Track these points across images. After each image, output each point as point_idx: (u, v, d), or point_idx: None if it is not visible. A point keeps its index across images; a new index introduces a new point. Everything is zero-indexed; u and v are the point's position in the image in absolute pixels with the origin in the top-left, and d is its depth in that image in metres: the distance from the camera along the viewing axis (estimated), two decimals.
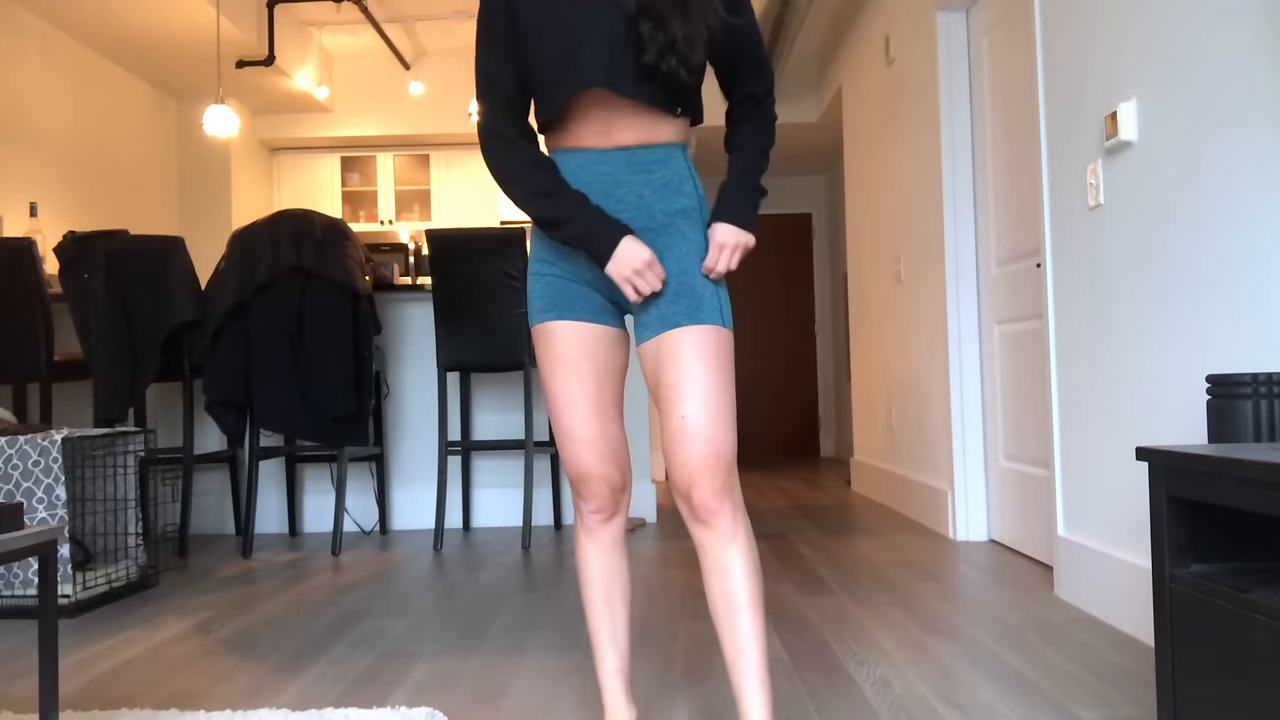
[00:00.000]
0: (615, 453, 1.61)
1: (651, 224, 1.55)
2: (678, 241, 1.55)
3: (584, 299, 1.59)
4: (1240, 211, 1.95)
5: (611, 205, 1.54)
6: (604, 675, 1.68)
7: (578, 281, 1.59)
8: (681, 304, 1.52)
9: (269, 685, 2.16)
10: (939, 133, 3.90)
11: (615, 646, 1.67)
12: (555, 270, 1.60)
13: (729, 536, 1.50)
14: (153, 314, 3.79)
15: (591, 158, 1.55)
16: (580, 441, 1.59)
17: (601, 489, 1.61)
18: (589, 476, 1.60)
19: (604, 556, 1.66)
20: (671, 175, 1.56)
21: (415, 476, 4.48)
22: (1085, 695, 1.95)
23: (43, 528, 1.60)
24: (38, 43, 5.83)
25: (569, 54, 1.50)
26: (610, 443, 1.60)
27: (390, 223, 8.21)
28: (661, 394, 1.52)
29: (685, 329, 1.51)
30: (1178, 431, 2.20)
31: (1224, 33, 1.99)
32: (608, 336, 1.60)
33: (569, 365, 1.58)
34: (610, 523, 1.65)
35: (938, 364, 4.01)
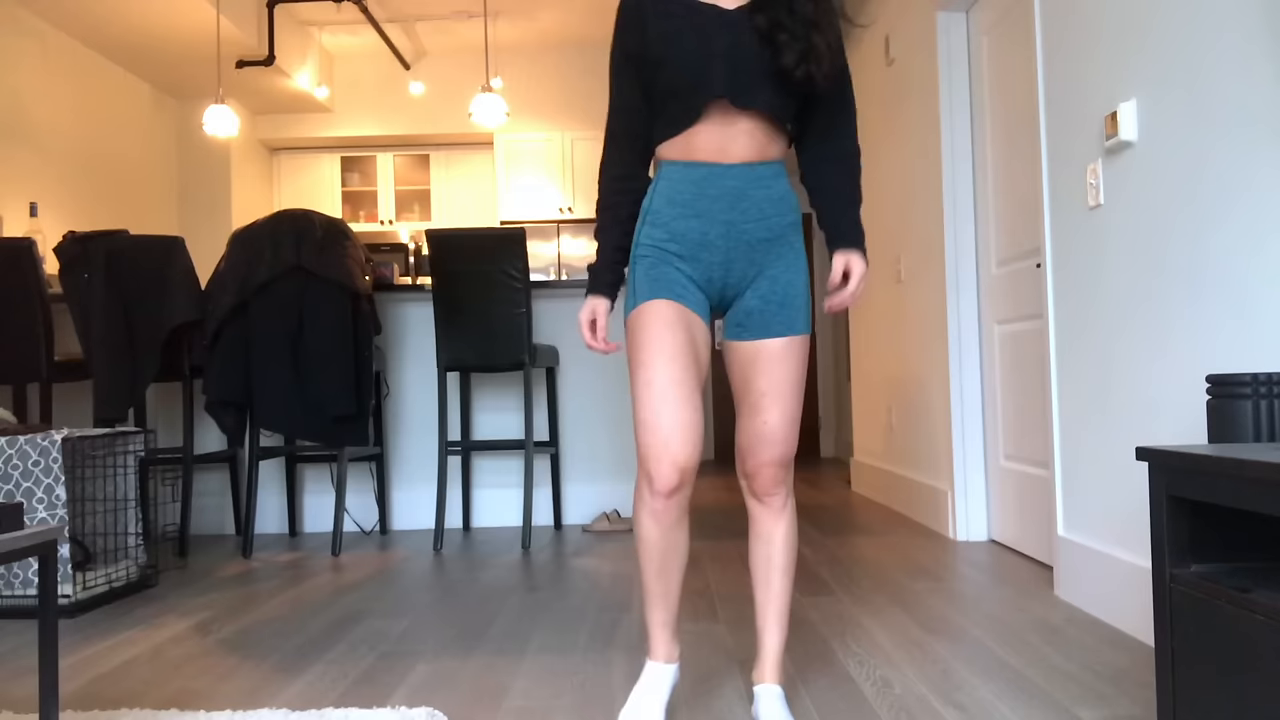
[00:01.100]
0: (695, 431, 1.69)
1: (770, 234, 1.73)
2: (787, 252, 1.75)
3: (686, 290, 1.72)
4: (1240, 211, 1.95)
5: (738, 215, 1.70)
6: (653, 625, 1.80)
7: (679, 272, 1.72)
8: (784, 314, 1.74)
9: (269, 685, 2.16)
10: (939, 133, 3.90)
11: (666, 604, 1.79)
12: (662, 260, 1.73)
13: (778, 514, 1.80)
14: (153, 314, 3.79)
15: (714, 172, 1.70)
16: (669, 402, 1.66)
17: (673, 472, 1.67)
18: (667, 444, 1.66)
19: (666, 534, 1.72)
20: (784, 191, 1.75)
21: (415, 476, 4.48)
22: (1085, 695, 1.95)
23: (43, 528, 1.60)
24: (38, 43, 5.83)
25: (696, 73, 1.66)
26: (692, 419, 1.68)
27: (390, 223, 8.21)
28: (749, 396, 1.76)
29: (783, 340, 1.74)
30: (1178, 431, 2.20)
31: (1224, 33, 1.99)
32: (701, 327, 1.74)
33: (666, 335, 1.69)
34: (675, 497, 1.69)
35: (938, 364, 4.01)
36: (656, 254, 1.72)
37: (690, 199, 1.70)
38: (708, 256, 1.71)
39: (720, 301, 1.77)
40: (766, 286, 1.73)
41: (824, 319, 8.52)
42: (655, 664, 1.80)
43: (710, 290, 1.75)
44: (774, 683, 1.81)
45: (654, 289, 1.71)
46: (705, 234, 1.70)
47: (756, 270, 1.73)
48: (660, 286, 1.71)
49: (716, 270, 1.72)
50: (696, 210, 1.70)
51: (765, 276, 1.73)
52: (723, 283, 1.74)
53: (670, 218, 1.71)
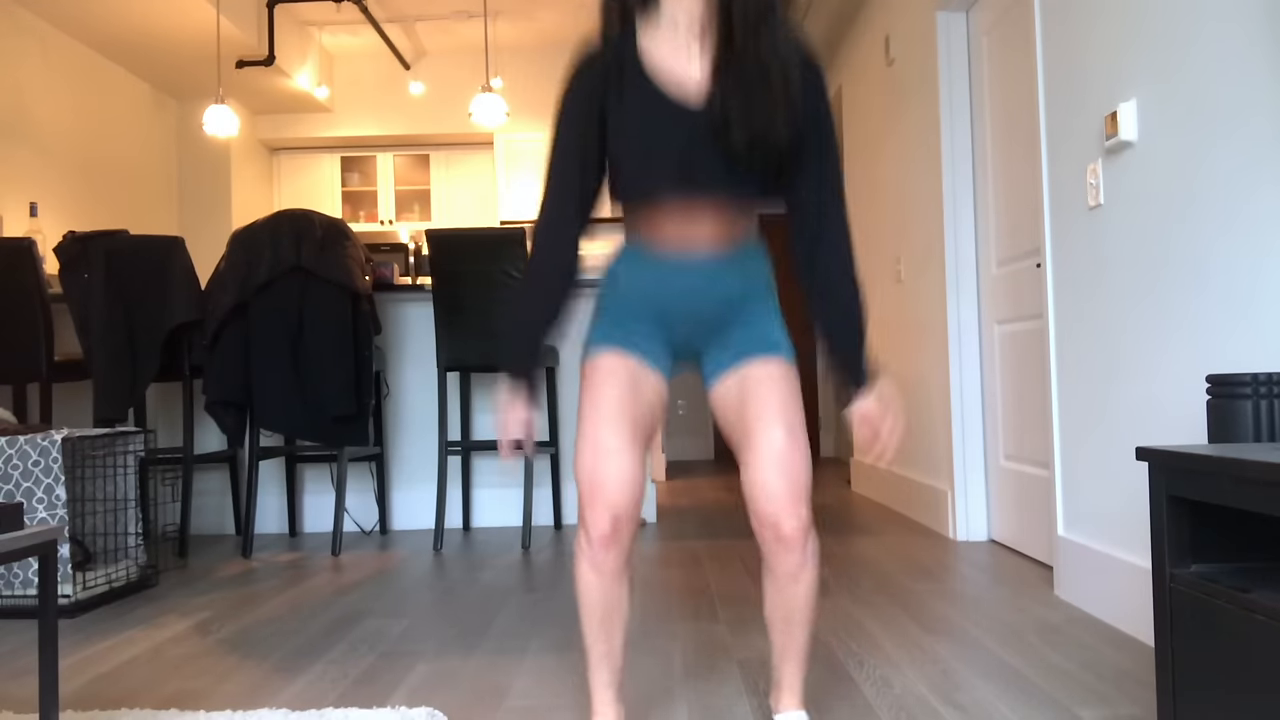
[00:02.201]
0: (632, 479, 1.58)
1: (734, 309, 1.66)
2: (756, 307, 1.67)
3: (643, 343, 1.66)
4: (1240, 211, 1.95)
5: (699, 305, 1.64)
6: (595, 686, 1.68)
7: (644, 324, 1.66)
8: (763, 345, 1.64)
9: (269, 685, 2.15)
10: (939, 133, 3.90)
11: (609, 664, 1.67)
12: (622, 315, 1.66)
13: (801, 563, 1.58)
14: (153, 314, 3.79)
15: (674, 267, 1.62)
16: (603, 453, 1.56)
17: (605, 516, 1.56)
18: (599, 500, 1.56)
19: (603, 586, 1.61)
20: (751, 271, 1.67)
21: (415, 476, 4.48)
22: (1085, 695, 1.95)
23: (43, 528, 1.60)
24: (38, 43, 5.83)
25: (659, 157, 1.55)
26: (630, 479, 1.57)
27: (390, 223, 8.21)
28: (749, 426, 1.59)
29: (764, 359, 1.62)
30: (1178, 431, 2.20)
31: (1224, 32, 1.99)
32: (656, 383, 1.67)
33: (614, 386, 1.60)
34: (611, 550, 1.58)
35: (938, 364, 4.01)
36: (617, 318, 1.66)
37: (651, 289, 1.64)
38: (668, 326, 1.66)
39: (686, 354, 1.71)
40: (738, 333, 1.66)
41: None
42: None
43: (675, 346, 1.69)
44: (799, 709, 1.69)
45: (609, 337, 1.65)
46: (668, 310, 1.65)
47: (723, 331, 1.67)
48: (616, 336, 1.65)
49: (679, 335, 1.67)
50: (658, 300, 1.64)
51: (735, 335, 1.66)
52: (686, 340, 1.68)
53: (631, 299, 1.65)
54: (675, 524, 4.41)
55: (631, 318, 1.66)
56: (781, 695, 1.71)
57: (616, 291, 1.68)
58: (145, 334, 3.80)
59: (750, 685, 2.06)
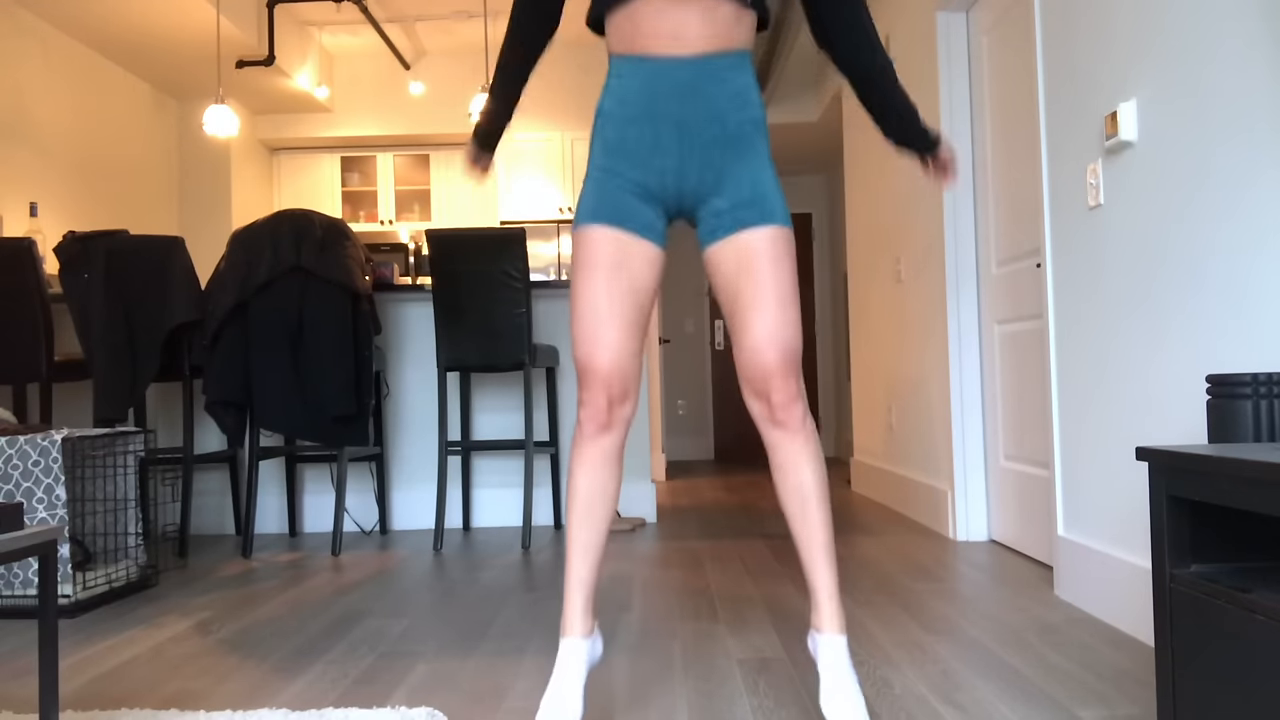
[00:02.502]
0: (625, 362, 1.61)
1: (725, 132, 1.60)
2: (748, 151, 1.62)
3: (633, 209, 1.63)
4: (1240, 211, 1.95)
5: (687, 113, 1.58)
6: (570, 583, 1.68)
7: (631, 190, 1.63)
8: (757, 207, 1.60)
9: (269, 685, 2.16)
10: None
11: (587, 557, 1.68)
12: (610, 173, 1.63)
13: (801, 435, 1.63)
14: (153, 314, 3.79)
15: (664, 66, 1.57)
16: (594, 339, 1.60)
17: (600, 393, 1.60)
18: (593, 370, 1.60)
19: (594, 470, 1.65)
20: (743, 84, 1.61)
21: (415, 476, 4.48)
22: (1085, 695, 1.95)
23: (43, 528, 1.60)
24: (38, 43, 5.83)
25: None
26: (623, 351, 1.61)
27: (390, 223, 8.21)
28: (739, 305, 1.62)
29: (759, 229, 1.60)
30: (1178, 431, 2.20)
31: (1224, 32, 1.99)
32: (647, 252, 1.64)
33: (602, 269, 1.61)
34: (603, 436, 1.63)
35: (938, 364, 4.01)
36: (605, 164, 1.63)
37: (638, 97, 1.58)
38: (659, 162, 1.60)
39: (680, 208, 1.67)
40: (731, 188, 1.62)
41: (825, 319, 8.52)
42: (571, 639, 1.67)
43: (665, 198, 1.64)
44: (836, 632, 1.65)
45: (597, 210, 1.63)
46: (657, 137, 1.59)
47: (715, 174, 1.62)
48: (604, 207, 1.62)
49: (670, 176, 1.61)
50: (647, 111, 1.58)
51: (728, 178, 1.62)
52: (678, 189, 1.63)
53: (620, 121, 1.61)
54: (675, 524, 4.41)
55: (620, 164, 1.62)
56: (820, 611, 1.67)
57: (604, 128, 1.64)
58: (145, 334, 3.80)
59: (750, 685, 2.06)
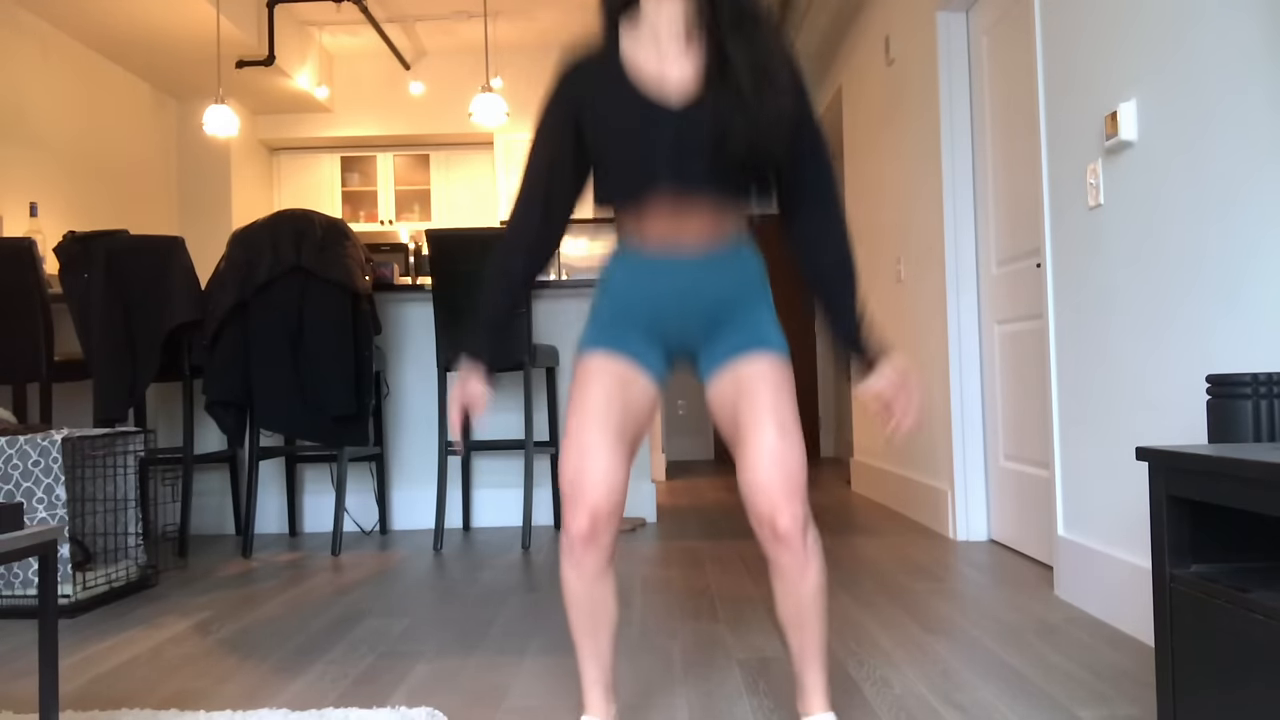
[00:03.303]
0: (612, 489, 1.59)
1: (728, 307, 1.67)
2: (748, 300, 1.68)
3: (637, 347, 1.68)
4: (1240, 211, 1.95)
5: (692, 302, 1.65)
6: (586, 683, 1.71)
7: (637, 327, 1.68)
8: (756, 339, 1.65)
9: (269, 685, 2.16)
10: (939, 133, 3.90)
11: (598, 662, 1.69)
12: (616, 319, 1.68)
13: (804, 559, 1.59)
14: (153, 314, 3.79)
15: (670, 266, 1.65)
16: (583, 466, 1.58)
17: (585, 516, 1.57)
18: (580, 497, 1.57)
19: (587, 586, 1.63)
20: (741, 265, 1.68)
21: (415, 476, 4.48)
22: (1085, 695, 1.95)
23: (43, 528, 1.60)
24: (38, 43, 5.83)
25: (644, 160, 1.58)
26: (611, 479, 1.59)
27: (390, 223, 8.21)
28: (740, 431, 1.62)
29: (756, 356, 1.63)
30: (1178, 431, 2.20)
31: (1224, 32, 1.99)
32: (646, 388, 1.68)
33: (599, 395, 1.62)
34: (591, 551, 1.60)
35: (938, 364, 4.01)
36: (612, 314, 1.69)
37: (645, 286, 1.66)
38: (662, 328, 1.68)
39: (682, 351, 1.72)
40: (730, 330, 1.67)
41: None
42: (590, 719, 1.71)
43: (668, 344, 1.70)
44: (826, 710, 1.67)
45: (600, 338, 1.68)
46: (660, 314, 1.67)
47: (717, 329, 1.68)
48: (608, 337, 1.67)
49: (673, 337, 1.69)
50: (652, 296, 1.66)
51: (728, 326, 1.68)
52: (680, 344, 1.71)
53: (626, 297, 1.68)
54: (675, 524, 4.41)
55: (624, 320, 1.68)
56: (807, 698, 1.69)
57: (610, 294, 1.70)
58: (145, 334, 3.80)
59: (750, 685, 2.06)
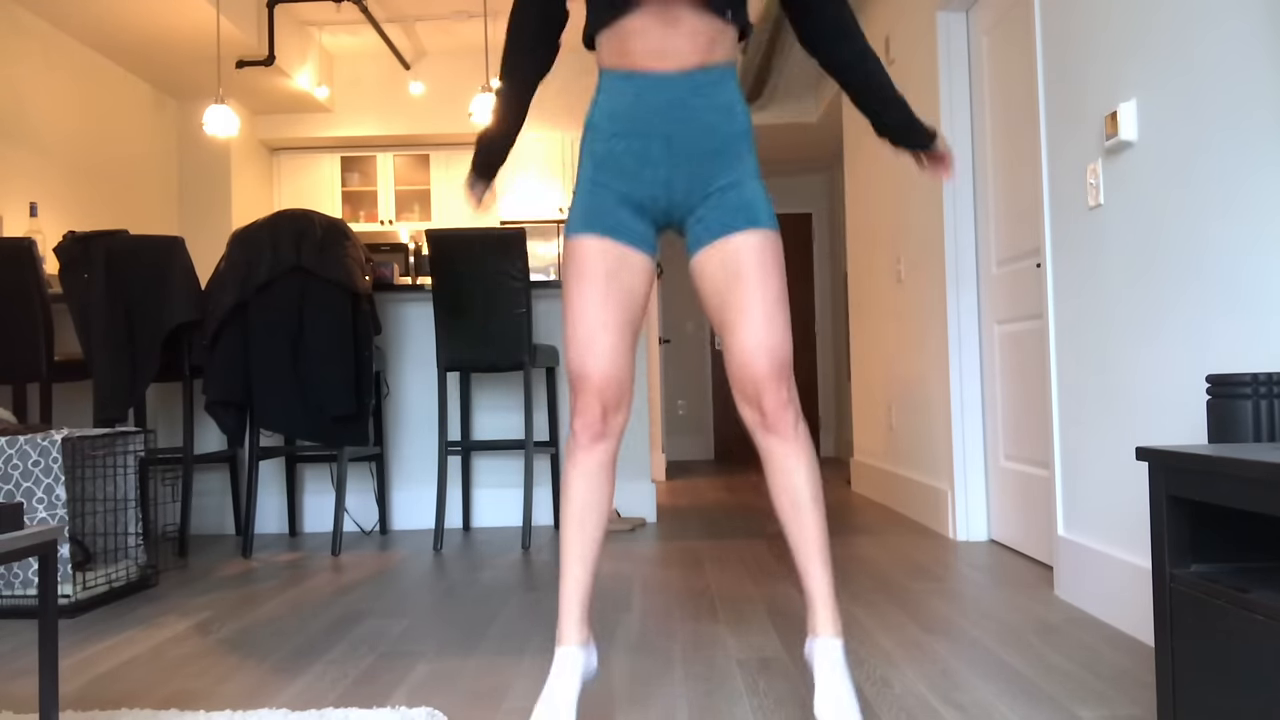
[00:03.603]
0: (618, 370, 1.62)
1: (713, 144, 1.62)
2: (735, 162, 1.65)
3: (624, 220, 1.65)
4: (1240, 211, 1.95)
5: (675, 128, 1.61)
6: (565, 593, 1.67)
7: (621, 203, 1.65)
8: (744, 213, 1.62)
9: (269, 685, 2.16)
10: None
11: (582, 563, 1.67)
12: (600, 185, 1.65)
13: (794, 441, 1.62)
14: (153, 314, 3.79)
15: (652, 82, 1.60)
16: (587, 347, 1.61)
17: (594, 402, 1.61)
18: (587, 378, 1.61)
19: (587, 479, 1.65)
20: (729, 97, 1.64)
21: (415, 476, 4.48)
22: (1085, 695, 1.95)
23: (43, 528, 1.60)
24: (39, 43, 5.83)
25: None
26: (616, 359, 1.62)
27: (390, 223, 8.21)
28: (728, 312, 1.62)
29: (745, 233, 1.62)
30: (1178, 431, 2.20)
31: (1224, 32, 1.99)
32: (639, 262, 1.66)
33: (594, 278, 1.62)
34: (597, 445, 1.64)
35: (938, 364, 4.01)
36: (595, 176, 1.65)
37: (627, 112, 1.61)
38: (649, 174, 1.63)
39: (669, 219, 1.69)
40: (718, 198, 1.63)
41: (825, 319, 8.52)
42: (566, 648, 1.66)
43: (654, 210, 1.66)
44: (832, 635, 1.63)
45: (588, 220, 1.64)
46: (646, 150, 1.61)
47: (703, 185, 1.64)
48: (594, 218, 1.64)
49: (659, 188, 1.64)
50: (635, 126, 1.61)
51: (716, 189, 1.64)
52: (667, 201, 1.65)
53: (609, 134, 1.63)
54: (675, 524, 4.41)
55: (610, 178, 1.65)
56: (816, 615, 1.65)
57: (594, 141, 1.67)
58: (145, 334, 3.80)
59: (750, 685, 2.06)
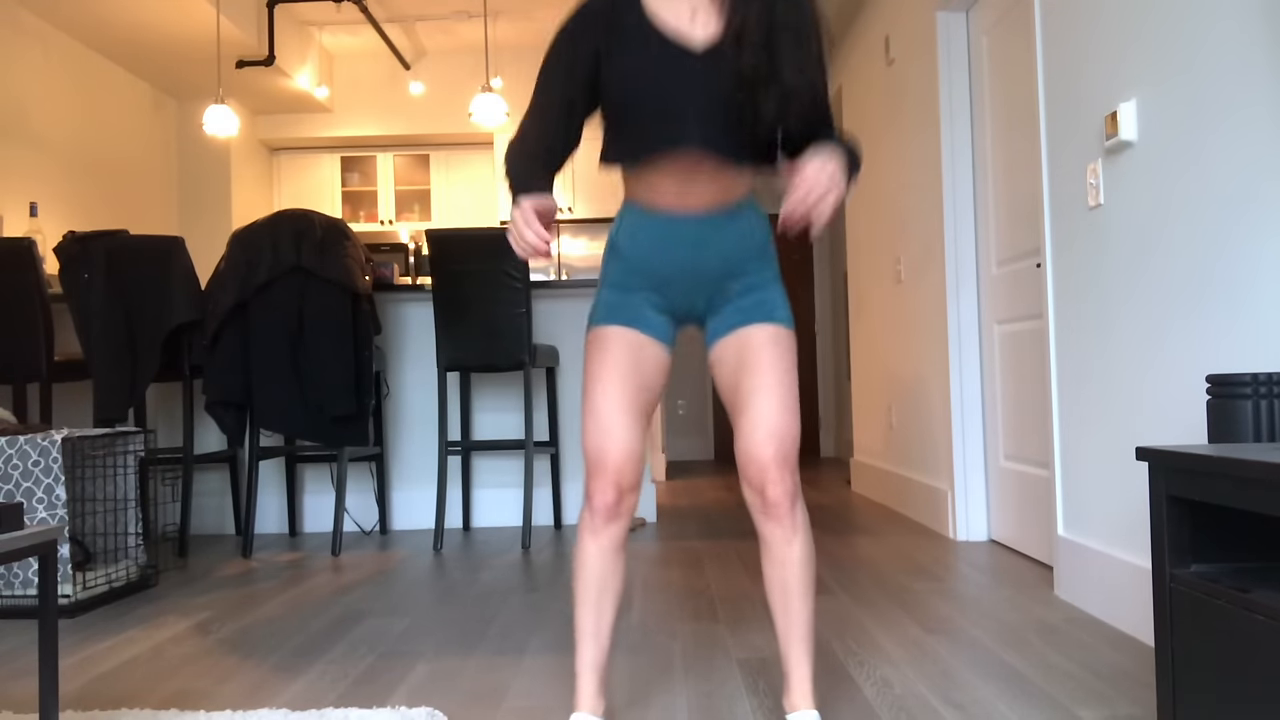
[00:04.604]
0: (634, 452, 1.66)
1: (733, 268, 1.69)
2: (755, 271, 1.71)
3: (647, 316, 1.71)
4: (1240, 211, 1.95)
5: (699, 261, 1.67)
6: (581, 667, 1.70)
7: (645, 303, 1.70)
8: (762, 309, 1.68)
9: (269, 685, 2.16)
10: (939, 133, 3.90)
11: (597, 642, 1.70)
12: (625, 289, 1.71)
13: (791, 531, 1.67)
14: (153, 314, 3.79)
15: (677, 222, 1.66)
16: (608, 435, 1.64)
17: (610, 486, 1.64)
18: (604, 463, 1.64)
19: (602, 557, 1.68)
20: (747, 223, 1.70)
21: (415, 476, 4.48)
22: (1085, 695, 1.95)
23: (43, 528, 1.60)
24: (38, 43, 5.83)
25: (661, 120, 1.59)
26: (633, 443, 1.66)
27: (390, 223, 8.21)
28: (739, 397, 1.67)
29: (760, 325, 1.67)
30: (1178, 431, 2.20)
31: (1224, 32, 1.99)
32: (658, 355, 1.72)
33: (616, 365, 1.67)
34: (611, 525, 1.67)
35: (938, 364, 4.01)
36: (621, 282, 1.71)
37: (652, 244, 1.68)
38: (671, 291, 1.71)
39: (689, 318, 1.76)
40: (738, 298, 1.71)
41: (825, 319, 8.52)
42: (581, 715, 1.68)
43: (677, 313, 1.74)
44: (810, 709, 1.69)
45: (611, 314, 1.70)
46: (667, 277, 1.69)
47: (724, 295, 1.72)
48: (618, 312, 1.70)
49: (680, 302, 1.72)
50: (658, 255, 1.68)
51: (736, 290, 1.71)
52: (687, 308, 1.73)
53: (633, 258, 1.70)
54: (675, 524, 4.41)
55: (634, 284, 1.70)
56: (792, 693, 1.70)
57: (618, 254, 1.72)
58: (145, 334, 3.80)
59: (750, 685, 2.06)
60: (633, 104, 1.61)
